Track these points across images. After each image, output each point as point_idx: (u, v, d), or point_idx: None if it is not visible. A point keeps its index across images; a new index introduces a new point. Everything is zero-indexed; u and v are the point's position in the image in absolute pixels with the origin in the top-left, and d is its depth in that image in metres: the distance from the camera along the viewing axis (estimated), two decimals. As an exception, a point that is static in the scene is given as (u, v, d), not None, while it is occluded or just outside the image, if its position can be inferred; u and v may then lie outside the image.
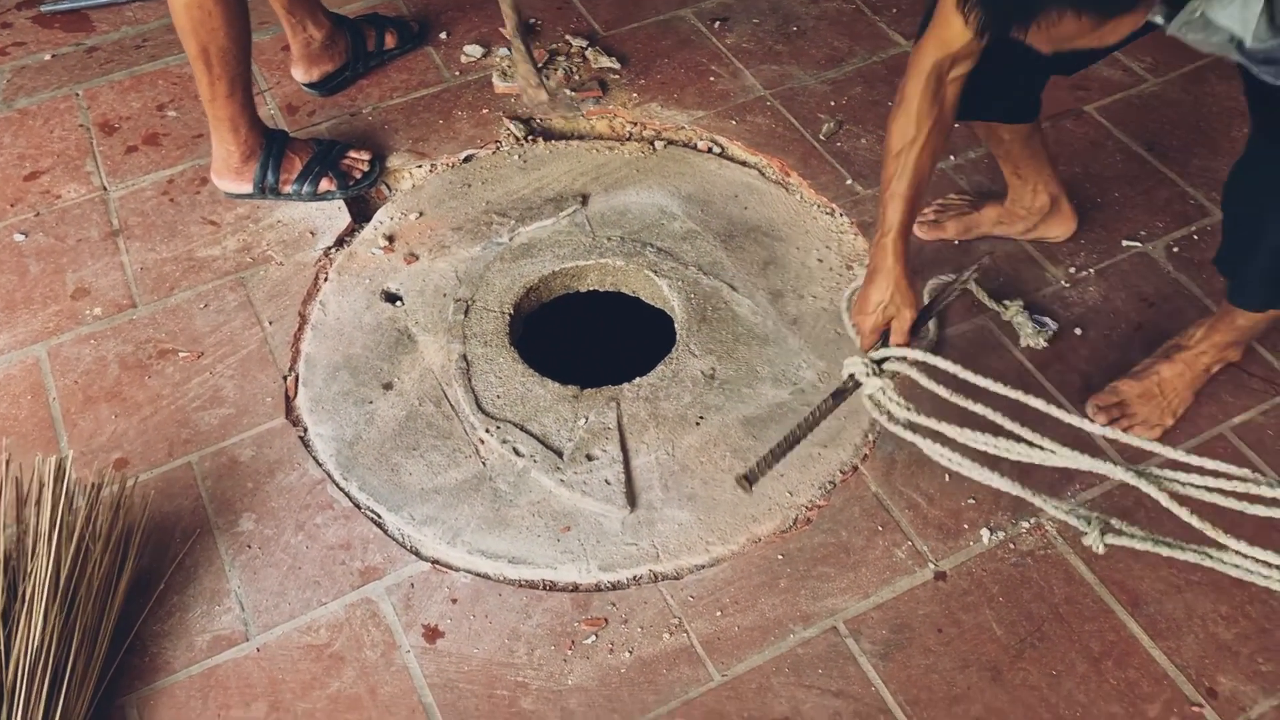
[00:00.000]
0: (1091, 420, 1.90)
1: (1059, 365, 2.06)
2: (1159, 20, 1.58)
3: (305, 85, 2.60)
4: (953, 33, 1.65)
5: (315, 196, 2.36)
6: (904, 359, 1.77)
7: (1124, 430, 1.83)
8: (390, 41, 2.69)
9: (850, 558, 1.82)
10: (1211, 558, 1.59)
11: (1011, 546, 1.81)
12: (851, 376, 1.81)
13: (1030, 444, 1.61)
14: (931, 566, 1.80)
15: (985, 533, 1.83)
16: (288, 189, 2.34)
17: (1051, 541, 1.82)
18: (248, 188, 2.34)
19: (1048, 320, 2.10)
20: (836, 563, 1.81)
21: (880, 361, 1.79)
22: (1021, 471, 1.87)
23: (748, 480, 1.70)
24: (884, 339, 1.82)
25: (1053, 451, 1.65)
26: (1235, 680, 1.67)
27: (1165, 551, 1.65)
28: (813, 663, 1.70)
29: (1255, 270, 1.78)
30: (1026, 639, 1.70)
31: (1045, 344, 2.07)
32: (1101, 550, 1.66)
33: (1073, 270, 2.21)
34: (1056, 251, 2.25)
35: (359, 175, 2.38)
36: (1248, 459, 1.91)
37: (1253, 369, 2.03)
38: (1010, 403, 1.64)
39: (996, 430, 1.63)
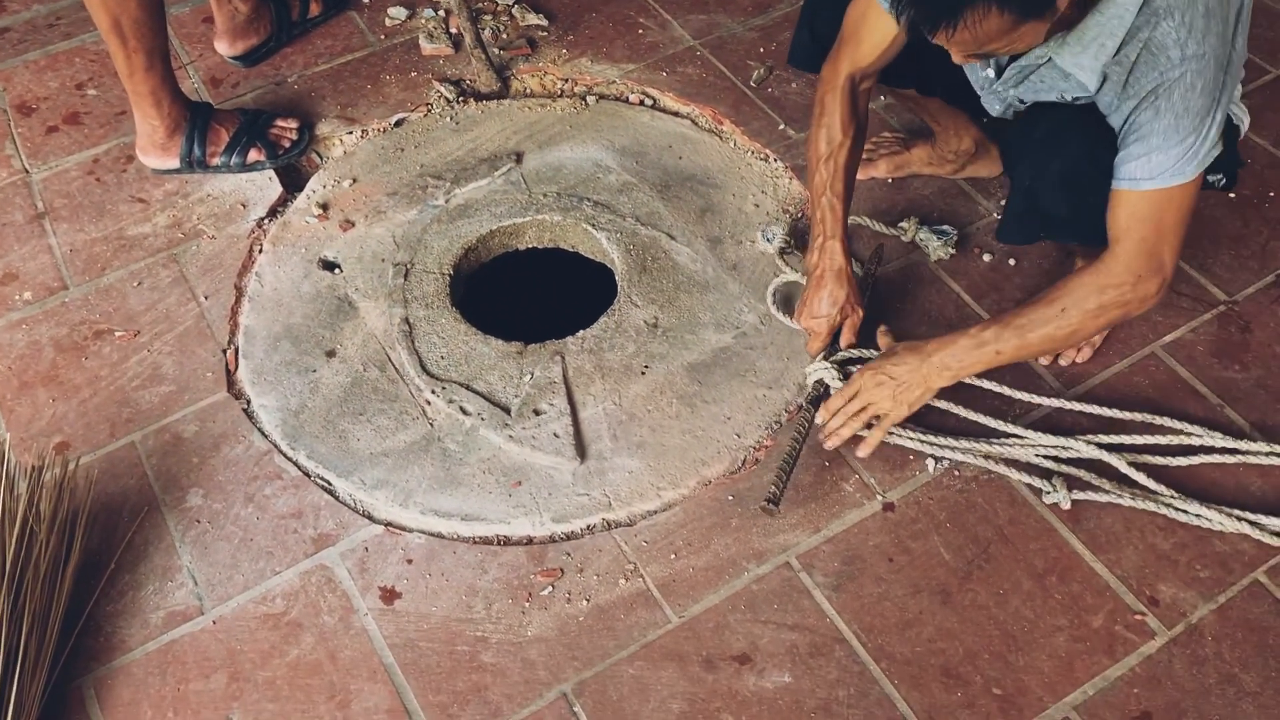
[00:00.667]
0: None
1: (995, 295, 2.09)
2: (990, 73, 1.68)
3: (230, 58, 2.56)
4: (863, 51, 1.83)
5: (245, 168, 2.32)
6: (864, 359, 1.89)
7: (1051, 362, 1.90)
8: (315, 9, 2.64)
9: (800, 494, 1.84)
10: (1175, 509, 1.75)
11: (956, 474, 1.85)
12: (821, 382, 1.91)
13: (1005, 435, 1.82)
14: (879, 498, 1.83)
15: (930, 462, 1.86)
16: (216, 161, 2.30)
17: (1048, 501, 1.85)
18: (174, 163, 2.30)
19: (946, 228, 2.16)
20: (787, 500, 1.83)
21: (842, 363, 1.92)
22: (965, 400, 1.91)
23: (772, 504, 1.75)
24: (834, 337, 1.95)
25: (1021, 437, 1.83)
26: (1175, 587, 1.72)
27: (1127, 503, 1.76)
28: (768, 598, 1.72)
29: (1009, 209, 1.89)
30: (974, 561, 1.74)
31: (954, 251, 2.14)
32: (1068, 506, 1.76)
33: (1003, 202, 2.24)
34: (988, 185, 2.28)
35: (288, 144, 2.35)
36: (1179, 375, 1.96)
37: (1182, 288, 2.08)
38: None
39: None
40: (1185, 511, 1.76)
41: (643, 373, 1.99)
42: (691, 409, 1.94)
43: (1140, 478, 1.79)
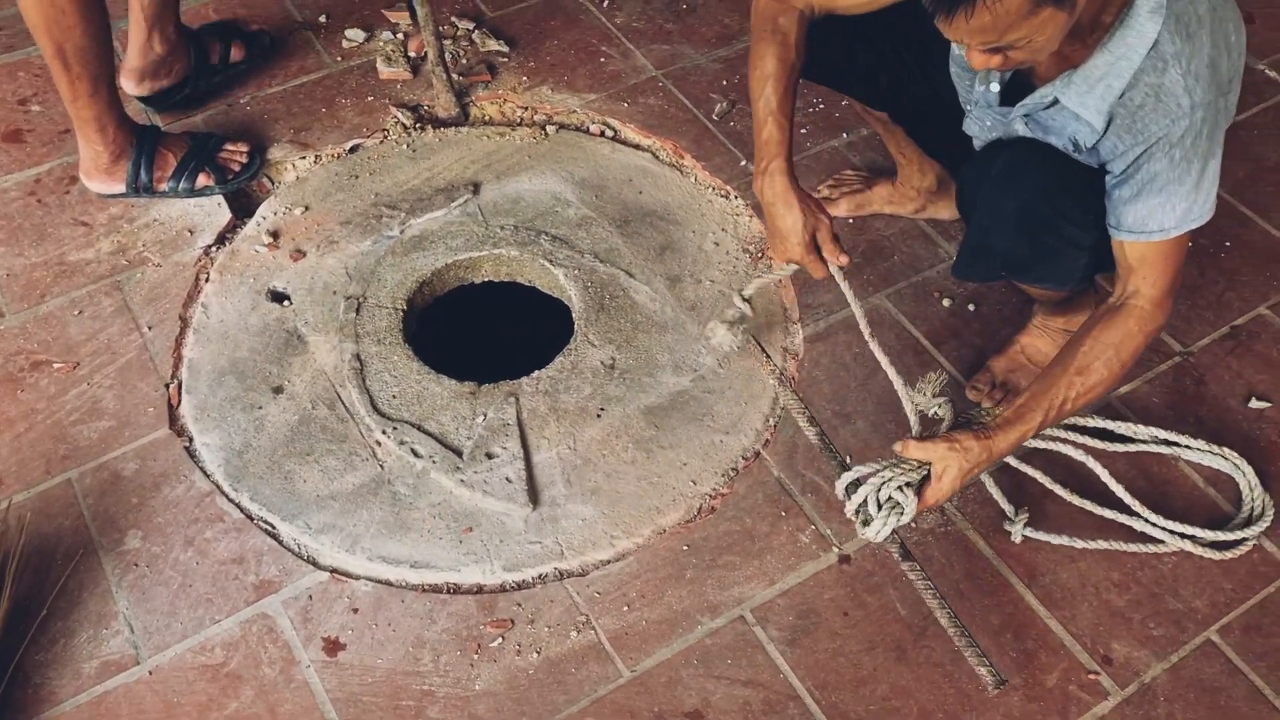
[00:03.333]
0: (975, 403, 1.94)
1: (954, 341, 2.09)
2: (993, 89, 1.66)
3: (138, 99, 2.40)
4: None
5: (193, 193, 2.26)
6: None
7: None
8: (236, 54, 2.50)
9: (755, 545, 1.82)
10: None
11: (913, 525, 1.83)
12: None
13: None
14: (836, 550, 1.81)
15: (887, 513, 1.84)
16: (163, 187, 2.24)
17: (951, 519, 1.84)
18: (120, 188, 2.23)
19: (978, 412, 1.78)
20: (742, 551, 1.81)
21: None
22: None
23: (998, 681, 1.60)
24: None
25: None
26: (1129, 646, 1.71)
27: (1080, 545, 1.80)
28: (721, 653, 1.70)
29: (965, 244, 1.86)
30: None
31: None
32: (1019, 540, 1.77)
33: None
34: (949, 227, 2.27)
35: (237, 168, 2.29)
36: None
37: (1138, 338, 2.08)
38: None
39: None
40: (1139, 517, 1.81)
41: (598, 415, 1.96)
42: (647, 454, 1.91)
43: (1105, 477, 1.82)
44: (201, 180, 2.25)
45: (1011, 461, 1.87)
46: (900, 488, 1.56)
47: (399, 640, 1.70)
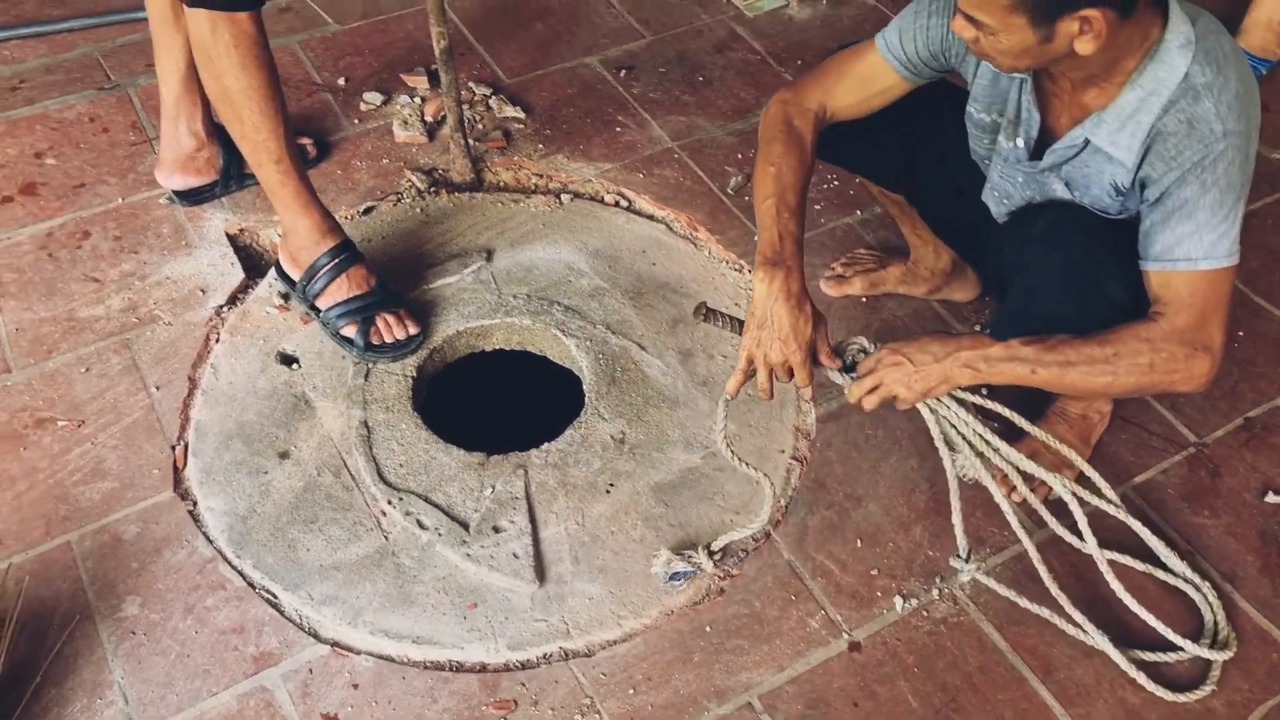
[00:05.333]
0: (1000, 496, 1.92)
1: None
2: (1019, 146, 1.68)
3: (170, 190, 2.38)
4: (843, 88, 1.80)
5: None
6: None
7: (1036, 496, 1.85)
8: None
9: (764, 629, 1.79)
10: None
11: (925, 614, 1.80)
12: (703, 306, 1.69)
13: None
14: (846, 636, 1.78)
15: (899, 600, 1.82)
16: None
17: (964, 609, 1.81)
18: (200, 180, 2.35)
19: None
20: (750, 634, 1.78)
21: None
22: (934, 534, 1.88)
23: (704, 311, 1.62)
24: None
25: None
26: (1144, 746, 1.68)
27: (1024, 604, 1.78)
28: (728, 742, 1.66)
29: (1005, 307, 1.85)
30: (941, 710, 1.69)
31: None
32: (966, 580, 1.79)
33: (977, 328, 2.23)
34: (962, 309, 2.26)
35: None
36: (1149, 518, 1.94)
37: (1152, 427, 2.07)
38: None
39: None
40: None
41: (608, 491, 1.94)
42: (656, 532, 1.88)
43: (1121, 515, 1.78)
44: None
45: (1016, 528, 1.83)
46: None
47: (399, 719, 1.66)
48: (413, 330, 2.12)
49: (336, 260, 2.07)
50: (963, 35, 1.54)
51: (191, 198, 2.38)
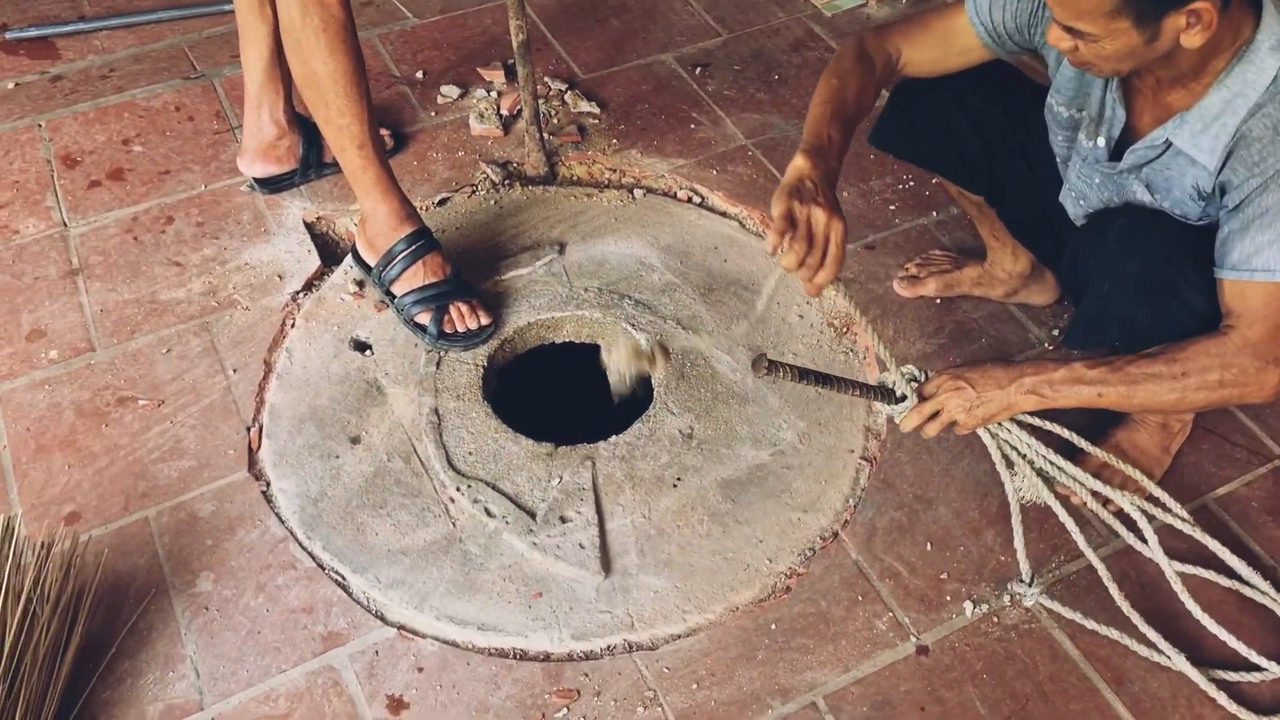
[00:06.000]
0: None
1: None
2: (1099, 145, 1.65)
3: (250, 177, 2.42)
4: (924, 41, 1.78)
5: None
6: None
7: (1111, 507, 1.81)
8: None
9: (830, 629, 1.77)
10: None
11: (995, 620, 1.77)
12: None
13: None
14: (913, 640, 1.76)
15: (968, 605, 1.78)
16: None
17: (1035, 616, 1.77)
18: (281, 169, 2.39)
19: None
20: (816, 634, 1.76)
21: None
22: (1006, 539, 1.84)
23: (766, 364, 1.57)
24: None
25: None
26: (1221, 764, 1.63)
27: (1090, 625, 1.74)
28: (791, 741, 1.64)
29: (1081, 313, 1.82)
30: (1010, 718, 1.66)
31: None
32: (1029, 604, 1.75)
33: (1055, 333, 2.18)
34: (1039, 313, 2.22)
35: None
36: (1231, 531, 1.88)
37: (1236, 438, 2.01)
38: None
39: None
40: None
41: (675, 485, 1.93)
42: (723, 528, 1.87)
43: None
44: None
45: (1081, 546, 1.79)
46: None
47: (463, 704, 1.67)
48: (485, 321, 2.13)
49: (414, 247, 2.09)
50: (1059, 47, 1.51)
51: (271, 185, 2.42)
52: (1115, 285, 1.70)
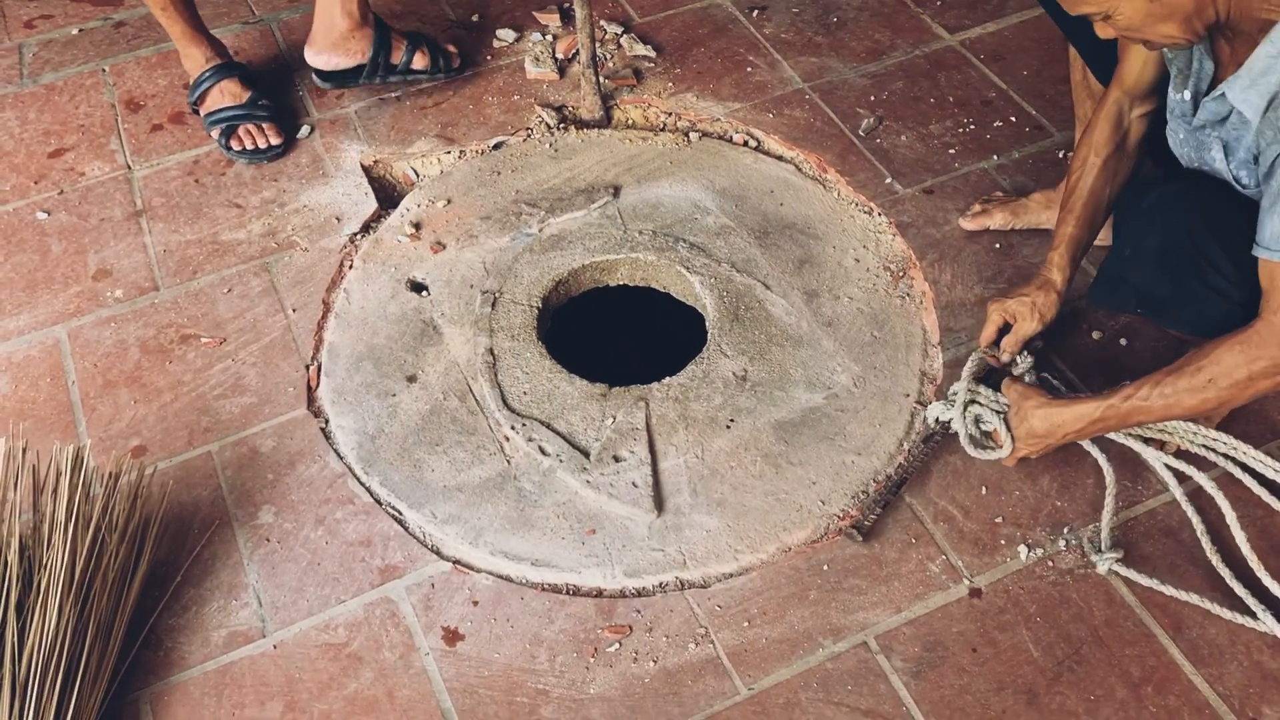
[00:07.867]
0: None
1: (1100, 378, 1.99)
2: (1187, 97, 1.60)
3: (313, 69, 2.47)
4: (1126, 69, 1.75)
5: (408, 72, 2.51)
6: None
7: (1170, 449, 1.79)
8: (420, 62, 2.50)
9: (883, 570, 1.76)
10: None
11: (1050, 564, 1.76)
12: (940, 421, 1.88)
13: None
14: (967, 582, 1.75)
15: (1023, 549, 1.77)
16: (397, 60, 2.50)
17: (1091, 561, 1.76)
18: (351, 61, 2.47)
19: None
20: (868, 575, 1.76)
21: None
22: (1062, 485, 1.83)
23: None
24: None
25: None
26: (1280, 711, 1.61)
27: (1169, 591, 1.72)
28: (842, 679, 1.65)
29: (1103, 269, 1.85)
30: (1064, 661, 1.65)
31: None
32: (1104, 571, 1.73)
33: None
34: (1100, 255, 2.17)
35: (456, 63, 2.58)
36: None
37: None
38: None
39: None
40: None
41: (728, 426, 1.93)
42: (776, 469, 1.87)
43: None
44: (419, 60, 2.50)
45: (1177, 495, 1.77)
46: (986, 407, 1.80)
47: (517, 636, 1.70)
48: (275, 140, 2.41)
49: (212, 74, 2.41)
50: (1104, 36, 1.50)
51: (336, 79, 2.48)
52: (1135, 253, 1.69)
